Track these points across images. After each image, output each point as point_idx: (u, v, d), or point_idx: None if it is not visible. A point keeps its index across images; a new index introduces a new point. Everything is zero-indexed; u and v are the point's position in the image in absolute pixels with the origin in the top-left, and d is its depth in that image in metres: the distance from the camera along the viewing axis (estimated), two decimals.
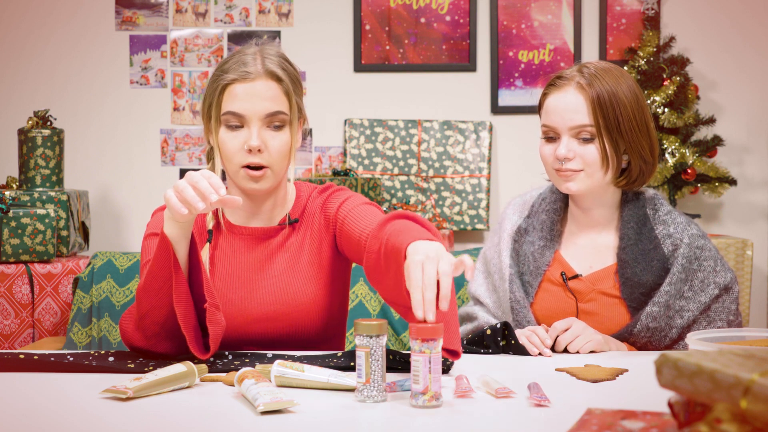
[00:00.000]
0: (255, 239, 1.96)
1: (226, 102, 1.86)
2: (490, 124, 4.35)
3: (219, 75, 1.89)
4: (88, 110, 4.44)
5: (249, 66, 1.86)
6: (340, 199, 1.96)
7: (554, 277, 2.04)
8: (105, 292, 2.93)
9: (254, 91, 1.85)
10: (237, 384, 1.51)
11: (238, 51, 1.92)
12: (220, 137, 1.87)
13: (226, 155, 1.87)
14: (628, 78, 2.01)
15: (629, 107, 1.97)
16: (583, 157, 1.97)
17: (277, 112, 1.87)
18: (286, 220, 1.97)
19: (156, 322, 1.75)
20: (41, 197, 3.72)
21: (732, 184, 4.16)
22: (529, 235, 2.09)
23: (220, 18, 4.41)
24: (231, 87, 1.86)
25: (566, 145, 1.96)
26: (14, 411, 1.44)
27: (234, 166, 1.87)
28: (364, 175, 4.31)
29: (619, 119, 1.96)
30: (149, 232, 1.94)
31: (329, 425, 1.36)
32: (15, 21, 4.44)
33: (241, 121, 1.86)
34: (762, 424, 0.96)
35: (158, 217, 1.94)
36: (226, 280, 1.94)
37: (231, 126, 1.86)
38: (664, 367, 1.07)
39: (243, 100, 1.85)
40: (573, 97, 1.96)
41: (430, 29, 4.41)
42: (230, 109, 1.85)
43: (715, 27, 4.40)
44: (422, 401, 1.43)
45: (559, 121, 1.97)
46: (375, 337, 1.47)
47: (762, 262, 4.40)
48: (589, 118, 1.95)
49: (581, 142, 1.97)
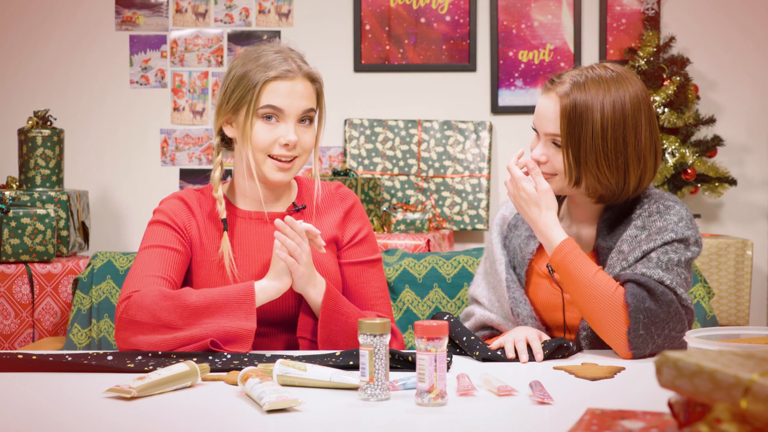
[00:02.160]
0: (265, 223, 2.06)
1: (266, 96, 1.97)
2: (490, 124, 4.35)
3: (254, 72, 1.98)
4: (88, 110, 4.44)
5: (288, 64, 1.99)
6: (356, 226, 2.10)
7: (542, 270, 2.04)
8: (105, 293, 2.93)
9: (294, 89, 1.98)
10: (241, 383, 1.51)
11: (263, 49, 2.02)
12: (255, 129, 1.98)
13: (258, 145, 1.98)
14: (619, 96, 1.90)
15: (600, 125, 1.88)
16: (553, 163, 1.95)
17: (310, 110, 2.01)
18: (293, 207, 2.09)
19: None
20: (41, 197, 3.72)
21: (732, 184, 4.16)
22: (517, 229, 2.12)
23: (220, 18, 4.42)
24: (272, 83, 1.97)
25: (540, 149, 1.96)
26: (14, 411, 1.44)
27: (262, 156, 1.99)
28: (364, 175, 4.31)
29: (582, 135, 1.89)
30: (155, 219, 2.04)
31: (334, 424, 1.36)
32: (15, 21, 4.44)
33: (278, 116, 1.98)
34: (762, 424, 0.96)
35: (165, 205, 2.05)
36: (240, 260, 2.02)
37: (268, 119, 1.98)
38: (664, 367, 1.08)
39: (284, 96, 1.97)
40: (551, 104, 1.93)
41: (430, 29, 4.41)
42: (271, 103, 1.97)
43: (716, 27, 4.40)
44: (428, 399, 1.43)
45: (539, 124, 1.97)
46: (378, 336, 1.48)
47: (762, 262, 4.40)
48: (557, 128, 1.93)
49: (556, 149, 1.94)
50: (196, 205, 2.06)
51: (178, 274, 1.98)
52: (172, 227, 2.01)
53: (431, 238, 3.75)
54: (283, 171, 1.99)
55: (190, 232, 2.03)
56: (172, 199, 2.07)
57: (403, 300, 2.67)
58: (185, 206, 2.05)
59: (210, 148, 4.43)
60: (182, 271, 2.00)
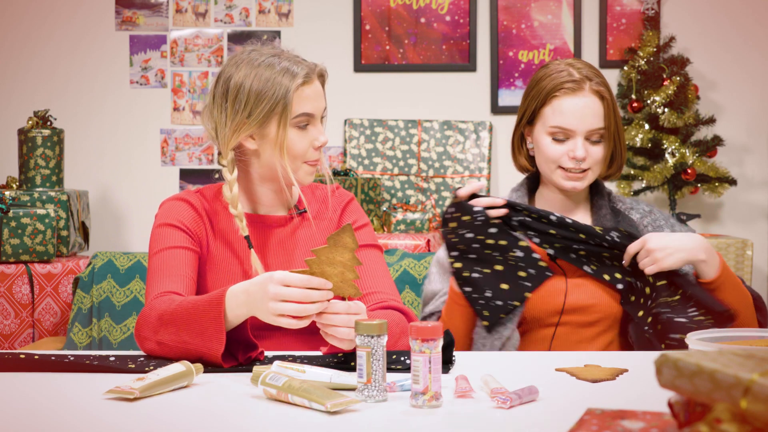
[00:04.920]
0: (268, 226, 2.07)
1: (297, 104, 1.98)
2: (490, 124, 4.35)
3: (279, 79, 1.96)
4: (88, 110, 4.44)
5: (303, 66, 2.00)
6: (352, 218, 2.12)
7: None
8: (105, 293, 2.93)
9: (316, 91, 2.01)
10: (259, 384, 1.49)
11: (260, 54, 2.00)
12: (290, 137, 1.99)
13: (295, 153, 1.99)
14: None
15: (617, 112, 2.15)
16: (591, 156, 2.11)
17: (325, 107, 2.06)
18: (295, 210, 2.10)
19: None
20: (41, 197, 3.72)
21: (732, 184, 4.16)
22: None
23: (220, 18, 4.42)
24: (300, 89, 1.98)
25: (583, 146, 2.10)
26: (14, 411, 1.44)
27: (298, 163, 2.01)
28: (364, 175, 4.31)
29: (618, 120, 2.14)
30: (161, 222, 2.02)
31: (330, 424, 1.36)
32: (15, 21, 4.44)
33: (310, 121, 2.01)
34: (762, 424, 0.96)
35: (168, 207, 2.04)
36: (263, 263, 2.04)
37: (302, 127, 2.00)
38: (664, 367, 1.08)
39: (312, 100, 2.00)
40: (591, 101, 2.10)
41: (430, 29, 4.41)
42: (305, 111, 1.98)
43: (716, 27, 4.40)
44: (422, 401, 1.43)
45: (577, 124, 2.09)
46: (376, 337, 1.47)
47: (762, 262, 4.40)
48: (604, 122, 2.10)
49: (591, 144, 2.12)
50: (200, 206, 2.05)
51: (194, 273, 1.97)
52: (180, 228, 2.00)
53: (431, 238, 3.74)
54: (311, 174, 2.04)
55: (199, 233, 2.02)
56: (174, 200, 2.06)
57: (404, 300, 2.66)
58: (190, 207, 2.04)
59: (210, 148, 4.43)
60: (197, 269, 1.99)
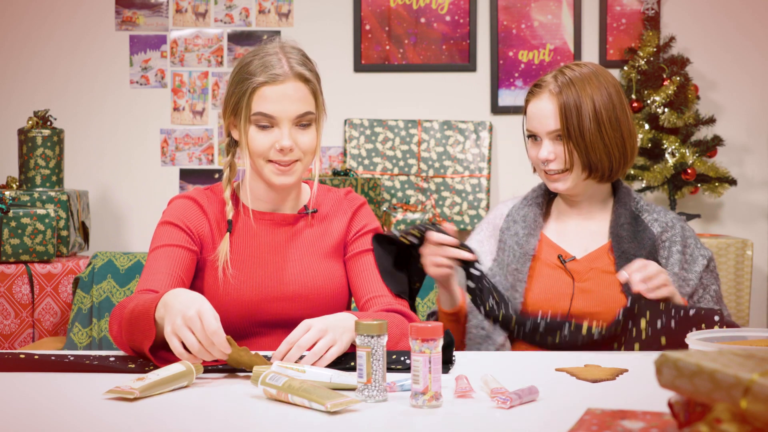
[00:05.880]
0: (275, 224, 2.05)
1: (256, 103, 1.93)
2: (490, 124, 4.35)
3: (246, 77, 1.95)
4: (88, 110, 4.44)
5: (276, 68, 1.93)
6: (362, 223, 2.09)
7: (549, 260, 2.16)
8: (105, 292, 2.93)
9: (284, 93, 1.93)
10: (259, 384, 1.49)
11: (260, 49, 1.98)
12: (250, 135, 1.95)
13: (255, 152, 1.96)
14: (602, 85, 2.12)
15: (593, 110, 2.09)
16: (563, 158, 2.12)
17: (306, 113, 1.96)
18: (304, 210, 2.08)
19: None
20: (41, 197, 3.72)
21: (732, 184, 4.16)
22: (509, 230, 2.23)
23: (220, 18, 4.42)
24: (260, 89, 1.92)
25: (546, 148, 2.12)
26: (14, 411, 1.44)
27: (262, 162, 1.97)
28: (364, 175, 4.31)
29: (583, 125, 2.09)
30: (163, 219, 2.02)
31: (330, 424, 1.36)
32: (15, 21, 4.44)
33: (271, 122, 1.94)
34: (762, 424, 0.96)
35: (174, 205, 2.03)
36: (247, 260, 2.01)
37: (261, 126, 1.94)
38: (664, 367, 1.08)
39: (274, 102, 1.92)
40: (546, 104, 2.12)
41: (430, 29, 4.41)
42: (261, 111, 1.92)
43: (716, 27, 4.40)
44: (422, 401, 1.43)
45: (538, 126, 2.13)
46: (376, 337, 1.47)
47: (762, 262, 4.40)
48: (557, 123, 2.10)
49: (560, 144, 2.12)
50: (207, 205, 2.04)
51: (187, 272, 1.96)
52: (180, 227, 2.00)
53: None
54: (284, 175, 1.97)
55: (201, 233, 2.02)
56: (181, 198, 2.05)
57: None
58: (196, 206, 2.04)
59: (210, 148, 4.43)
60: (191, 268, 1.99)
